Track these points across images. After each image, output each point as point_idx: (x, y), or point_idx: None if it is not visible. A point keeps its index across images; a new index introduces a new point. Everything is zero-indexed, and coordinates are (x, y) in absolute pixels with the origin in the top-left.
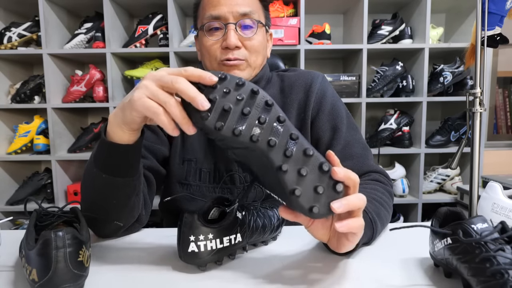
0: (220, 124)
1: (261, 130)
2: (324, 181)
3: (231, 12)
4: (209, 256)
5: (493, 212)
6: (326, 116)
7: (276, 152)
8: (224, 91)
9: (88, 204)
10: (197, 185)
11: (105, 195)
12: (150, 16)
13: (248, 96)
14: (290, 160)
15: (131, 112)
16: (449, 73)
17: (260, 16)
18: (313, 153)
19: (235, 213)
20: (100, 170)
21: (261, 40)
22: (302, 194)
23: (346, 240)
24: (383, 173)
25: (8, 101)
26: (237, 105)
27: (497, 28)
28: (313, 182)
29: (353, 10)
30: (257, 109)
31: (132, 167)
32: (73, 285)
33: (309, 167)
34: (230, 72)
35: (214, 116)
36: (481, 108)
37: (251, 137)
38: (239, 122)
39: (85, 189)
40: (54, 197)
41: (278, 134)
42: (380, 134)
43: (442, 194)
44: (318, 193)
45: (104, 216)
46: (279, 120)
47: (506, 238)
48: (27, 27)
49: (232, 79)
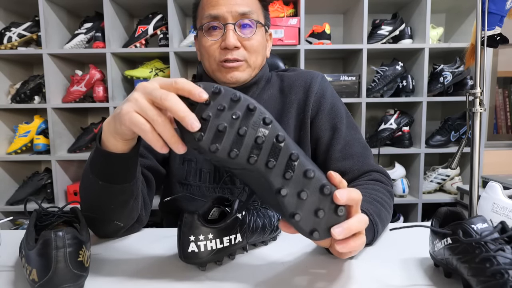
0: (214, 147)
1: (258, 151)
2: (326, 204)
3: (230, 12)
4: (209, 256)
5: (493, 212)
6: (325, 116)
7: (275, 174)
8: (218, 108)
9: (87, 206)
10: (197, 185)
11: (102, 200)
12: (150, 16)
13: (244, 113)
14: (290, 182)
15: (120, 125)
16: (449, 73)
17: (259, 16)
18: (314, 175)
19: (235, 213)
20: (96, 176)
21: (260, 40)
22: (302, 219)
23: (348, 253)
24: (383, 173)
25: (8, 101)
26: (233, 124)
27: (497, 28)
28: (314, 205)
29: (353, 10)
30: (254, 129)
31: (129, 173)
32: (73, 285)
33: (310, 189)
34: (230, 74)
35: (208, 136)
36: (481, 108)
37: (248, 159)
38: (235, 144)
39: (83, 192)
40: (54, 197)
41: (277, 155)
42: (380, 134)
43: (442, 194)
44: (319, 217)
45: (103, 217)
46: (278, 139)
47: (506, 238)
48: (27, 27)
49: (227, 93)
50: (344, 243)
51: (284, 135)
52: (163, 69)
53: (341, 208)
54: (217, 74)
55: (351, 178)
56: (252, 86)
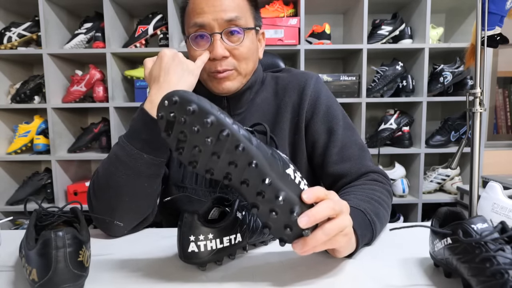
0: (193, 164)
1: (233, 172)
2: (294, 223)
3: (216, 20)
4: (209, 256)
5: (493, 212)
6: (321, 118)
7: (249, 191)
8: (194, 129)
9: (111, 195)
10: (193, 188)
11: (140, 179)
12: (150, 16)
13: (217, 138)
14: (264, 200)
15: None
16: (449, 73)
17: (248, 19)
18: (285, 198)
19: (235, 213)
20: (141, 150)
21: (250, 46)
22: (273, 228)
23: (337, 251)
24: (381, 173)
25: (8, 101)
26: (206, 147)
27: (497, 28)
28: (283, 222)
29: (353, 10)
30: (228, 154)
31: (167, 146)
32: (73, 285)
33: (281, 209)
34: (221, 85)
35: (188, 151)
36: (481, 108)
37: (224, 176)
38: (211, 163)
39: (114, 177)
40: (54, 197)
41: (252, 177)
42: (380, 134)
43: (442, 194)
44: (288, 231)
45: (125, 206)
46: (250, 164)
47: (506, 238)
48: (27, 27)
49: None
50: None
51: (258, 159)
52: None
53: (307, 231)
54: (208, 83)
55: (349, 181)
56: (245, 92)
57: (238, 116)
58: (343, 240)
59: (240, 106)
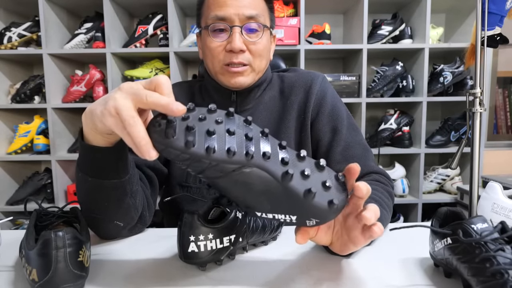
0: (211, 149)
1: (252, 146)
2: (327, 176)
3: (237, 15)
4: (209, 256)
5: (493, 212)
6: (326, 117)
7: (274, 162)
8: (200, 117)
9: (83, 205)
10: (197, 187)
11: (95, 198)
12: (150, 16)
13: (226, 118)
14: (289, 165)
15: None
16: (449, 73)
17: (266, 18)
18: (305, 154)
19: (235, 213)
20: (85, 173)
21: (266, 43)
22: (318, 192)
23: (351, 245)
24: (383, 174)
25: (8, 101)
26: (220, 126)
27: (497, 28)
28: (320, 179)
29: (353, 10)
30: (240, 128)
31: (118, 169)
32: (73, 285)
33: (309, 167)
34: (234, 79)
35: (200, 140)
36: (481, 108)
37: (246, 153)
38: (229, 142)
39: (78, 191)
40: (54, 197)
41: (269, 146)
42: (380, 134)
43: (442, 194)
44: (328, 188)
45: (100, 217)
46: (263, 133)
47: (506, 238)
48: (27, 27)
49: (202, 109)
50: (377, 226)
51: (267, 129)
52: (163, 69)
53: (340, 174)
54: (220, 77)
55: None
56: (253, 89)
57: (246, 112)
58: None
59: (247, 102)
